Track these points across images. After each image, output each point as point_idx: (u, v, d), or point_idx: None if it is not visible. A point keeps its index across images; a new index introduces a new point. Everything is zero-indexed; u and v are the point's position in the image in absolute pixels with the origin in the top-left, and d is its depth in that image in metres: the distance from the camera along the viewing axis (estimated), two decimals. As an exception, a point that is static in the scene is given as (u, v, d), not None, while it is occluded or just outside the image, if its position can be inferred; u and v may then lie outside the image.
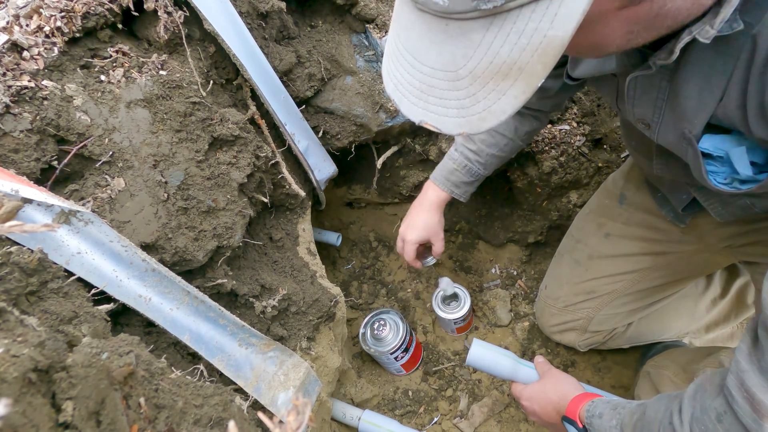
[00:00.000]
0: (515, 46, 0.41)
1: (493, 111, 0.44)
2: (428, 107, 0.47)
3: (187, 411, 0.51)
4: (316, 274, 1.12)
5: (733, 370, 0.54)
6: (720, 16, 0.44)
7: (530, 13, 0.39)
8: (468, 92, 0.45)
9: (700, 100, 0.55)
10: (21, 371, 0.31)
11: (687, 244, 1.00)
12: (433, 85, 0.46)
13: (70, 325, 0.53)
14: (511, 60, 0.42)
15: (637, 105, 0.65)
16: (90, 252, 0.71)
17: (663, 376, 0.99)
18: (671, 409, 0.62)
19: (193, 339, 0.79)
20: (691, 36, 0.47)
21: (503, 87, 0.43)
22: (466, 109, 0.45)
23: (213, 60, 0.95)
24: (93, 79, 0.79)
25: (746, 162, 0.56)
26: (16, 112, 0.69)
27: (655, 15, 0.45)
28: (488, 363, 1.07)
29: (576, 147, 1.24)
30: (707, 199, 0.79)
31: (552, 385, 0.94)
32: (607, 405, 0.77)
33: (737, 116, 0.53)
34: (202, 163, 0.86)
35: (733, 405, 0.53)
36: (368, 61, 1.17)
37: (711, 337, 1.28)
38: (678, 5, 0.44)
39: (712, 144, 0.59)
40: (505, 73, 0.42)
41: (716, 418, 0.55)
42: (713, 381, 0.59)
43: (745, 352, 0.53)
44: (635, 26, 0.46)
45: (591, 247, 1.14)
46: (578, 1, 0.38)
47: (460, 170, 1.07)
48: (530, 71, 0.42)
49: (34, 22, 0.74)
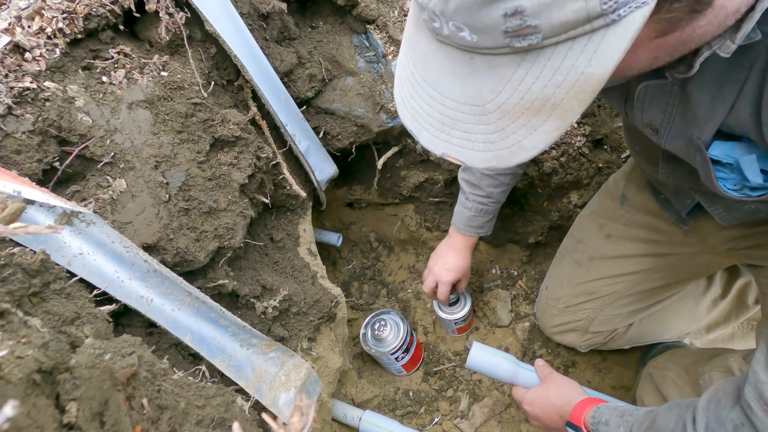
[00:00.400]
0: (549, 83, 0.39)
1: (523, 146, 0.42)
2: (451, 140, 0.45)
3: (189, 412, 0.51)
4: (316, 274, 1.13)
5: (750, 381, 0.53)
6: (741, 31, 0.43)
7: (566, 50, 0.37)
8: (496, 127, 0.43)
9: (711, 108, 0.54)
10: (25, 372, 0.32)
11: (689, 246, 1.00)
12: (456, 118, 0.44)
13: (72, 326, 0.53)
14: (544, 96, 0.39)
15: (647, 110, 0.64)
16: (92, 253, 0.71)
17: (665, 377, 0.98)
18: (684, 418, 0.61)
19: (194, 340, 0.79)
20: (711, 51, 0.46)
21: (535, 123, 0.41)
22: (494, 144, 0.43)
23: (214, 61, 0.95)
24: (95, 81, 0.79)
25: (757, 170, 0.56)
26: (18, 113, 0.70)
27: (683, 42, 0.44)
28: (488, 366, 1.06)
29: (576, 147, 1.25)
30: (712, 204, 0.78)
31: (555, 389, 0.93)
32: (614, 411, 0.76)
33: (749, 124, 0.52)
34: (203, 164, 0.86)
35: (752, 417, 0.52)
36: (369, 61, 1.17)
37: (712, 338, 1.28)
38: (705, 30, 0.43)
39: (721, 151, 0.58)
40: (537, 109, 0.40)
41: (733, 430, 0.54)
42: (727, 391, 0.58)
43: (763, 363, 0.52)
44: (661, 52, 0.45)
45: (592, 248, 1.14)
46: (620, 39, 0.36)
47: (479, 215, 1.14)
48: (565, 107, 0.40)
49: (36, 24, 0.74)
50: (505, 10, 0.35)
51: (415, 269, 1.64)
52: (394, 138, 1.31)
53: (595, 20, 0.35)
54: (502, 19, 0.36)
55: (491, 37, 0.38)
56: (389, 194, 1.53)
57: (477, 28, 0.38)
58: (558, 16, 0.35)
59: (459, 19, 0.38)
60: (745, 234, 0.87)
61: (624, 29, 0.36)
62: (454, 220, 1.19)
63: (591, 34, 0.36)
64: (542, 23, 0.36)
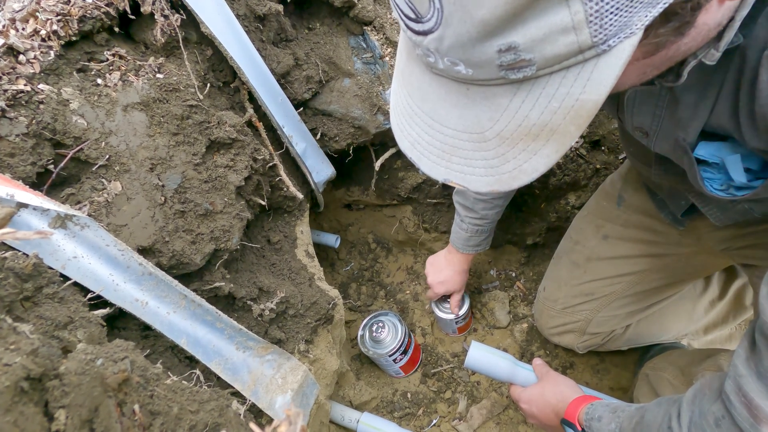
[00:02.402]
0: (546, 110, 0.40)
1: (524, 170, 0.43)
2: (452, 166, 0.46)
3: (182, 417, 0.51)
4: (314, 276, 1.12)
5: (731, 374, 0.54)
6: (724, 39, 0.45)
7: (560, 79, 0.38)
8: (496, 153, 0.43)
9: (695, 109, 0.55)
10: (13, 380, 0.31)
11: (685, 247, 1.00)
12: (456, 146, 0.45)
13: (65, 331, 0.53)
14: (542, 122, 0.40)
15: (636, 114, 0.65)
16: (86, 256, 0.70)
17: (661, 378, 0.99)
18: (670, 413, 0.62)
19: (190, 343, 0.79)
20: (697, 60, 0.47)
21: (534, 147, 0.42)
22: (495, 168, 0.44)
23: (210, 63, 0.95)
24: (89, 83, 0.79)
25: (741, 169, 0.56)
26: (12, 116, 0.69)
27: (670, 57, 0.45)
28: (486, 365, 1.07)
29: (574, 149, 1.24)
30: (705, 205, 0.79)
31: (551, 387, 0.94)
32: (606, 408, 0.77)
33: (730, 125, 0.53)
34: (199, 166, 0.86)
35: (731, 409, 0.53)
36: (366, 63, 1.17)
37: (709, 339, 1.27)
38: (689, 46, 0.44)
39: (707, 151, 0.59)
40: (536, 135, 0.41)
41: (714, 423, 0.55)
42: (712, 385, 0.59)
43: (743, 356, 0.53)
44: (648, 68, 0.46)
45: (589, 249, 1.14)
46: (611, 67, 0.37)
47: (475, 236, 1.19)
48: (563, 132, 0.41)
49: (31, 26, 0.73)
50: (499, 47, 0.36)
51: (413, 270, 1.63)
52: (391, 139, 1.31)
53: (587, 51, 0.36)
54: (497, 54, 0.37)
55: (486, 70, 0.38)
56: (387, 195, 1.53)
57: (472, 62, 0.38)
58: (551, 49, 0.36)
59: (454, 55, 0.38)
60: (740, 234, 0.87)
61: (614, 57, 0.37)
62: (452, 239, 1.24)
63: (583, 63, 0.37)
64: (536, 57, 0.36)
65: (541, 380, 0.99)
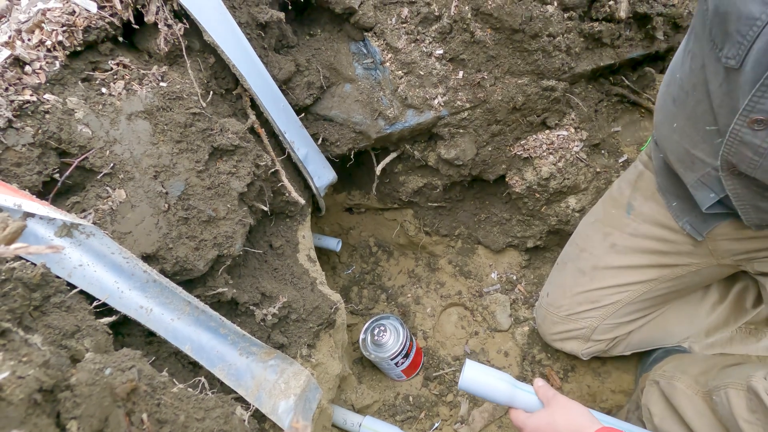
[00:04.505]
0: None
1: None
2: None
3: (189, 425, 0.52)
4: (316, 281, 1.13)
5: None
6: None
7: None
8: None
9: None
10: (27, 393, 0.32)
11: (696, 257, 0.98)
12: None
13: (72, 340, 0.54)
14: None
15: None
16: (92, 264, 0.71)
17: (675, 388, 0.96)
18: None
19: (194, 349, 0.80)
20: None
21: None
22: None
23: (213, 70, 0.95)
24: (94, 92, 0.80)
25: None
26: (18, 126, 0.70)
27: None
28: (484, 387, 0.97)
29: (574, 152, 1.25)
30: (741, 199, 0.74)
31: (562, 415, 0.85)
32: None
33: None
34: (202, 173, 0.87)
35: None
36: (367, 68, 1.18)
37: (710, 342, 1.27)
38: None
39: None
40: None
41: None
42: None
43: None
44: None
45: (596, 257, 1.11)
46: None
47: None
48: None
49: (36, 37, 0.74)
50: None
51: (414, 274, 1.64)
52: (392, 144, 1.32)
53: None
54: None
55: None
56: (388, 199, 1.54)
57: None
58: None
59: None
60: (761, 247, 0.84)
61: None
62: None
63: None
64: None
65: (548, 406, 0.89)
